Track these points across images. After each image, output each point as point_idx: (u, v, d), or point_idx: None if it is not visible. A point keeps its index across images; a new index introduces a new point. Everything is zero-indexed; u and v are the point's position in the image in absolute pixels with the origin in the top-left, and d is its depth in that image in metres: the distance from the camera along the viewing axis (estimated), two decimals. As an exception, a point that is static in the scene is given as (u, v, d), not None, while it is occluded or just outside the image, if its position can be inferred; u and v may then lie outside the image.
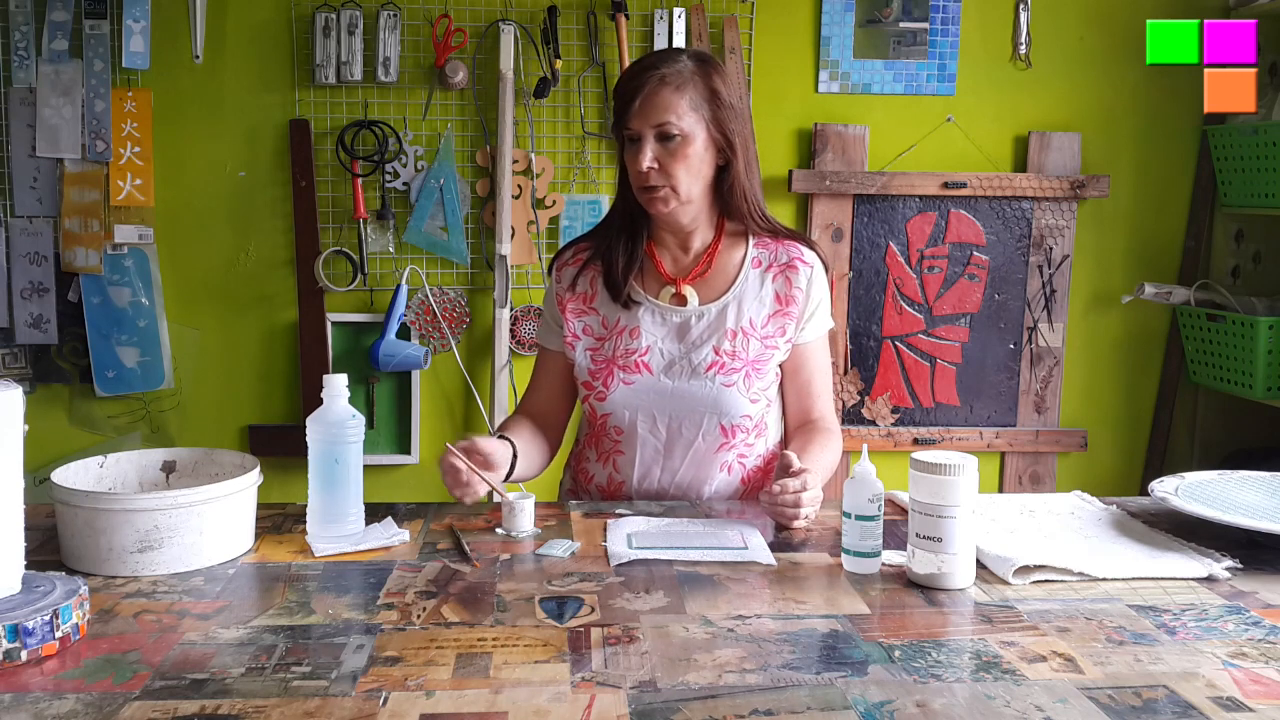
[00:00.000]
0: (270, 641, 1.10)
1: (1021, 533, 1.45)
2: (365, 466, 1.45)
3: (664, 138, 1.60)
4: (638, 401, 1.68)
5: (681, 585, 1.27)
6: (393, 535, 1.42)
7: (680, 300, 1.70)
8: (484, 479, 1.51)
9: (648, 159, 1.60)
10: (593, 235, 1.78)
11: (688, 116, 1.60)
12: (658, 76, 1.60)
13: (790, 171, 2.82)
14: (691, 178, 1.62)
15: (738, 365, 1.67)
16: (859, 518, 1.31)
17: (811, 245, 1.75)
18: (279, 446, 2.71)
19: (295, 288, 2.78)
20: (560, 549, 1.39)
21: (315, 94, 2.74)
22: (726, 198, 1.68)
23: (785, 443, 1.76)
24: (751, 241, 1.72)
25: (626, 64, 2.70)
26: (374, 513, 1.49)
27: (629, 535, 1.44)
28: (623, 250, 1.71)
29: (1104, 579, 1.29)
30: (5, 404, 1.11)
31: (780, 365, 1.73)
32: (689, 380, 1.67)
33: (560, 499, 1.83)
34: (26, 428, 1.14)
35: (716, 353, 1.67)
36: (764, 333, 1.69)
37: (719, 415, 1.67)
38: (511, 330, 2.81)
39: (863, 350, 2.92)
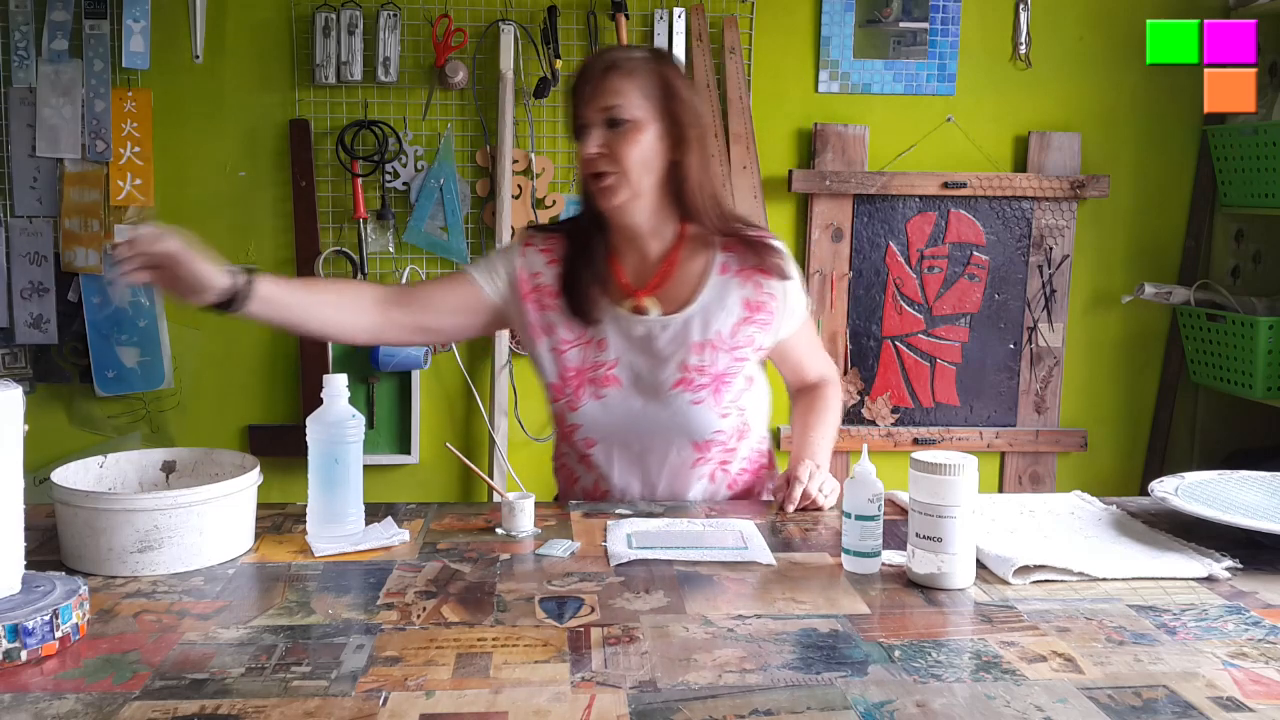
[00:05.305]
0: (270, 641, 1.10)
1: (1021, 533, 1.45)
2: (365, 466, 1.45)
3: (613, 123, 1.55)
4: (608, 419, 1.65)
5: (681, 585, 1.27)
6: (393, 535, 1.42)
7: (641, 311, 1.64)
8: (478, 473, 1.50)
9: (595, 143, 1.55)
10: (563, 234, 1.70)
11: (638, 104, 1.55)
12: (606, 62, 1.57)
13: (790, 171, 2.82)
14: (642, 167, 1.55)
15: (705, 381, 1.63)
16: (859, 518, 1.31)
17: (775, 239, 1.69)
18: (279, 446, 2.71)
19: (295, 288, 2.78)
20: (560, 549, 1.39)
21: (315, 94, 2.74)
22: (681, 195, 1.60)
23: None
24: (719, 245, 1.65)
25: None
26: (374, 513, 1.49)
27: (629, 535, 1.44)
28: (584, 264, 1.64)
29: (1104, 579, 1.29)
30: (5, 404, 1.11)
31: (768, 353, 1.72)
32: (656, 400, 1.63)
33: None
34: (26, 428, 1.14)
35: (683, 369, 1.62)
36: (733, 343, 1.64)
37: (688, 434, 1.64)
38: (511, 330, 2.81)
39: (863, 350, 2.93)
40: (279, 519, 1.51)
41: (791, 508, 1.57)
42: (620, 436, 1.66)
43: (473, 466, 1.62)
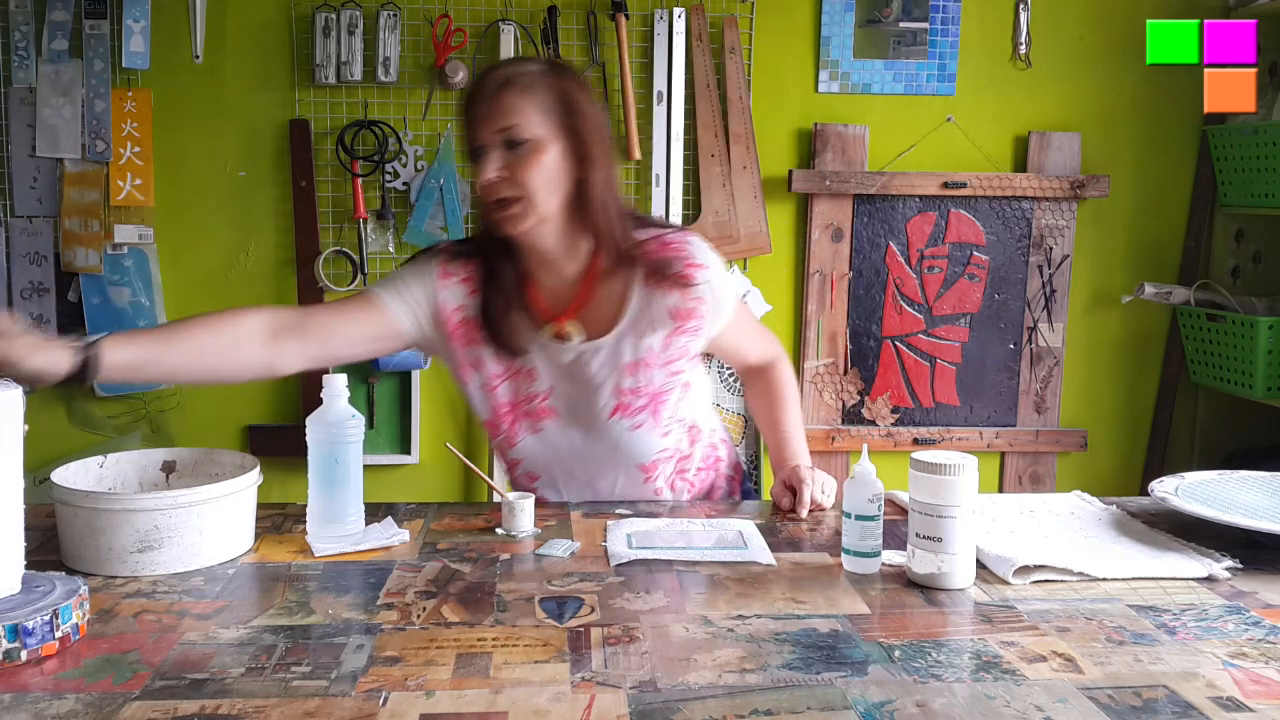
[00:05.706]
0: (270, 641, 1.10)
1: (1021, 533, 1.45)
2: (365, 466, 1.45)
3: (511, 144, 1.43)
4: (548, 452, 1.60)
5: (681, 585, 1.27)
6: (393, 535, 1.42)
7: (563, 337, 1.54)
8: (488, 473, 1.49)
9: (493, 168, 1.42)
10: (478, 258, 1.57)
11: (538, 122, 1.43)
12: (500, 79, 1.44)
13: (790, 171, 2.82)
14: (546, 189, 1.44)
15: (642, 402, 1.56)
16: (859, 518, 1.31)
17: (689, 234, 1.58)
18: (279, 446, 2.71)
19: (295, 288, 2.78)
20: (560, 549, 1.39)
21: (315, 94, 2.74)
22: (586, 215, 1.48)
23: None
24: (638, 258, 1.54)
25: (626, 65, 2.70)
26: (374, 513, 1.49)
27: (629, 535, 1.44)
28: (499, 292, 1.53)
29: (1104, 579, 1.29)
30: (5, 404, 1.11)
31: (704, 349, 1.64)
32: (593, 430, 1.57)
33: None
34: (26, 428, 1.14)
35: (618, 393, 1.55)
36: (666, 357, 1.56)
37: (633, 459, 1.60)
38: (511, 330, 2.81)
39: (863, 350, 2.92)
40: (279, 519, 1.51)
41: (804, 511, 1.56)
42: (564, 467, 1.62)
43: (473, 466, 1.62)
